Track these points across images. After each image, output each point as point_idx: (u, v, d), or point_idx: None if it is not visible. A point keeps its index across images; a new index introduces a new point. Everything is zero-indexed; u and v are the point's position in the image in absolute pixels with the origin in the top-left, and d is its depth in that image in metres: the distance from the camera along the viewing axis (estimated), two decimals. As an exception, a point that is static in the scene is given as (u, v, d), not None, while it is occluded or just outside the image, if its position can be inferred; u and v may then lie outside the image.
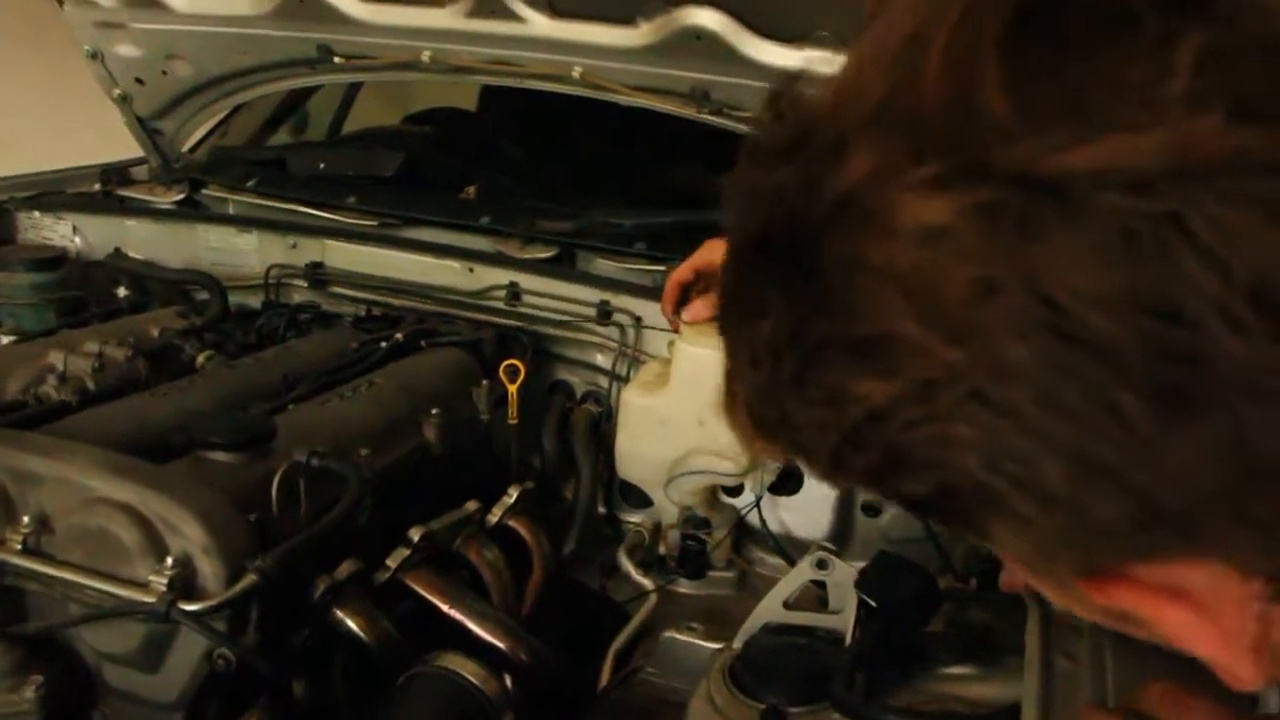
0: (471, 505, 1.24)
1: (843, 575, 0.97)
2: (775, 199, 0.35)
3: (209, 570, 0.85)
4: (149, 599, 0.82)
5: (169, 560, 0.84)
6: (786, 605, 1.01)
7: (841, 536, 1.45)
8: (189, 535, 0.85)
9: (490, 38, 1.60)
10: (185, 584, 0.84)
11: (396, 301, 1.56)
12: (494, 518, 1.26)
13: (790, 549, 1.43)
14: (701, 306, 1.26)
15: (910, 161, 0.31)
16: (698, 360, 1.27)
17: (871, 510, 1.43)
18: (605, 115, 2.15)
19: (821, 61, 1.26)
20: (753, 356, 0.38)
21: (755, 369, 0.38)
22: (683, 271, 1.27)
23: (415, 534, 1.11)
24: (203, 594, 0.85)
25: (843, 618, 0.98)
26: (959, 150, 0.31)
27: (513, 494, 1.29)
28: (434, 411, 1.27)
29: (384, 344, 1.41)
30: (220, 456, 0.97)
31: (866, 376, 0.33)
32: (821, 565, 0.98)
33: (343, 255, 1.63)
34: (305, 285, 1.63)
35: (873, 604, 0.91)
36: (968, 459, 0.32)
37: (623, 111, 1.63)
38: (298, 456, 1.00)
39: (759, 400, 0.39)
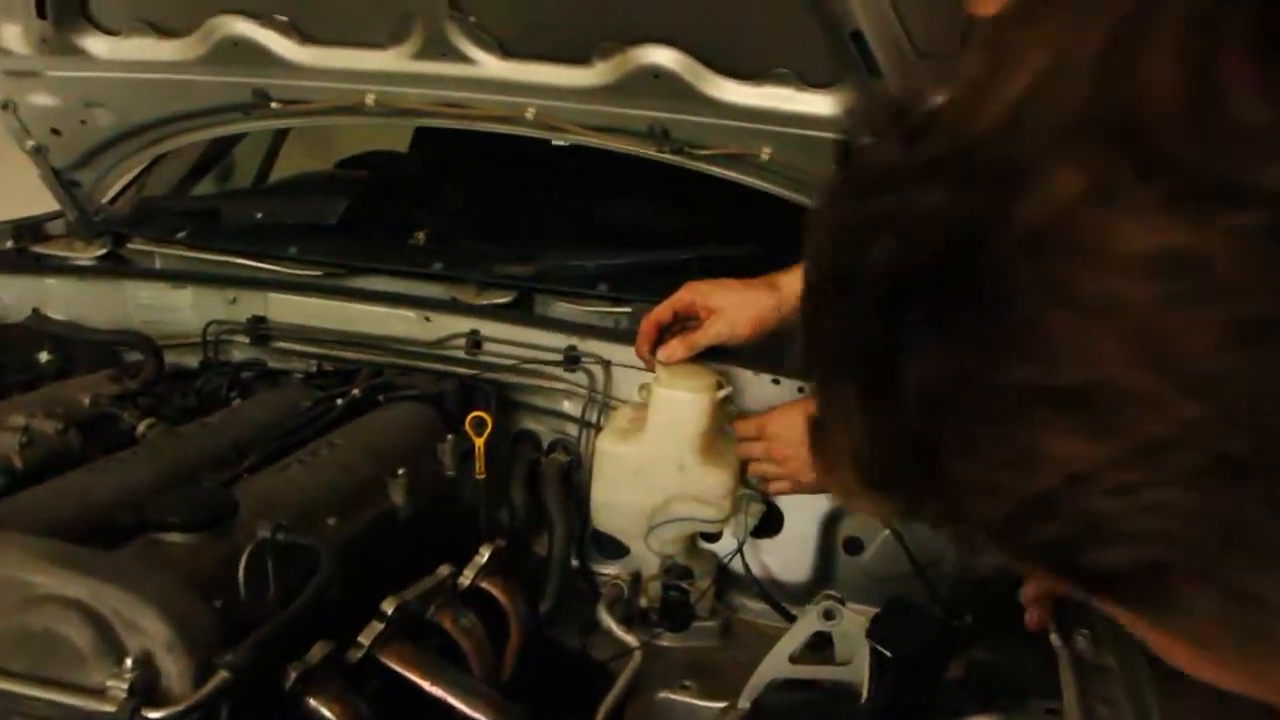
0: (444, 570, 1.17)
1: (851, 625, 0.94)
2: (923, 227, 0.30)
3: (174, 669, 0.76)
4: (108, 708, 0.73)
5: (128, 661, 0.75)
6: (792, 659, 0.97)
7: (824, 576, 1.42)
8: (149, 631, 0.77)
9: (438, 79, 1.55)
10: (148, 687, 0.75)
11: (349, 355, 1.48)
12: (466, 580, 1.19)
13: (774, 593, 1.39)
14: (678, 347, 1.23)
15: (1134, 179, 0.26)
16: (675, 404, 1.24)
17: (855, 547, 1.40)
18: (553, 155, 2.13)
19: (783, 98, 1.24)
20: (877, 404, 0.33)
21: (880, 417, 0.33)
22: (661, 312, 1.24)
23: (388, 606, 1.04)
24: (168, 697, 0.76)
25: (853, 669, 0.94)
26: (1202, 166, 0.26)
27: (484, 554, 1.22)
28: (400, 472, 1.20)
29: (340, 401, 1.33)
30: (177, 538, 0.88)
31: (1069, 433, 0.28)
32: (829, 616, 0.95)
33: (287, 308, 1.54)
34: (247, 342, 1.54)
35: (887, 654, 0.88)
36: (1197, 531, 0.28)
37: (570, 151, 1.61)
38: (262, 532, 0.92)
39: (882, 453, 0.34)
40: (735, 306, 1.21)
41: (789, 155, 1.46)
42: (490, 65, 1.51)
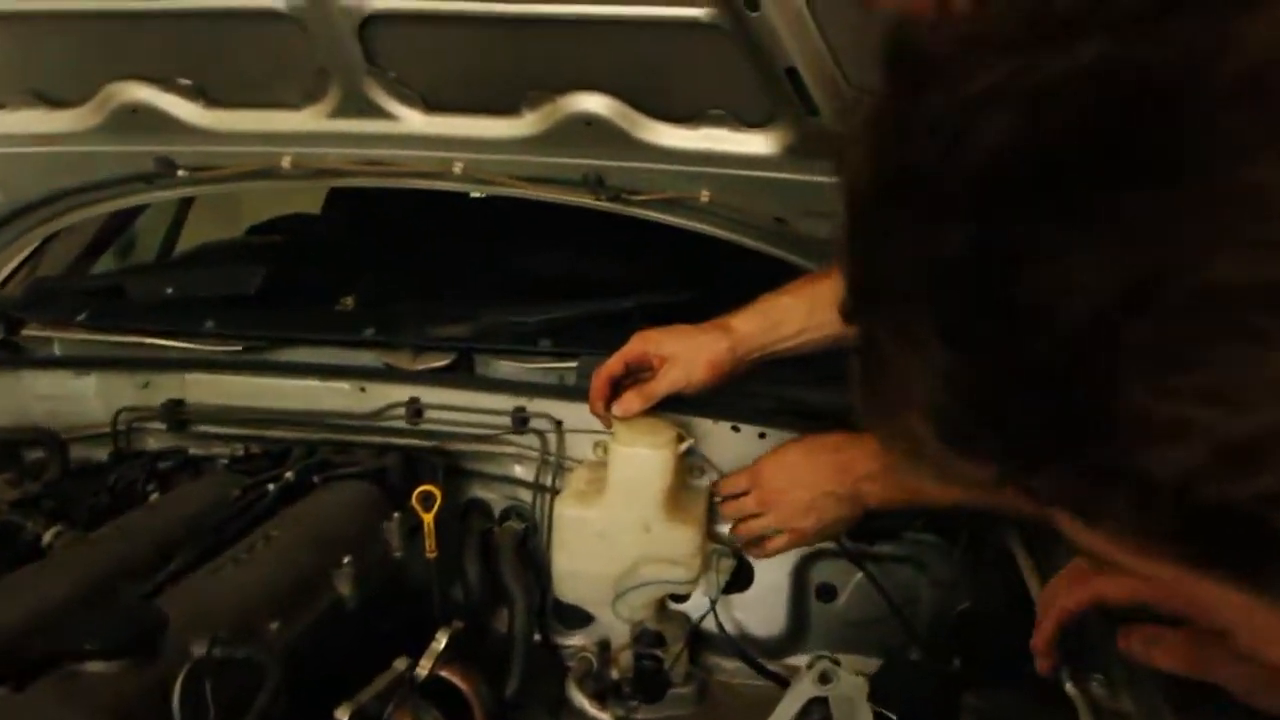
0: (399, 664, 1.08)
1: (850, 688, 0.88)
2: (1070, 87, 0.23)
3: (102, 827, 0.66)
4: None
5: (46, 824, 0.64)
6: (789, 729, 0.91)
7: (799, 627, 1.37)
8: (71, 785, 0.66)
9: (359, 137, 1.47)
10: None
11: (279, 435, 1.37)
12: (424, 671, 1.10)
13: (749, 649, 1.33)
14: (635, 400, 1.17)
15: None
16: (636, 461, 1.18)
17: (828, 594, 1.35)
18: (479, 206, 2.07)
19: (719, 140, 1.19)
20: (974, 330, 0.26)
21: (977, 348, 0.27)
22: (613, 365, 1.18)
23: (343, 715, 0.94)
24: None
25: (853, 734, 0.89)
26: None
27: (441, 640, 1.13)
28: (345, 560, 1.10)
29: (272, 486, 1.23)
30: (98, 667, 0.77)
31: None
32: (824, 679, 0.89)
33: (207, 389, 1.43)
34: (164, 429, 1.42)
35: (892, 717, 0.83)
36: None
37: (496, 200, 1.55)
38: (197, 650, 0.82)
39: (980, 394, 0.27)
40: (689, 352, 1.17)
41: (728, 196, 1.44)
42: (413, 120, 1.45)
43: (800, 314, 1.17)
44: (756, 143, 1.37)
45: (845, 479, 1.07)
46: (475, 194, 2.00)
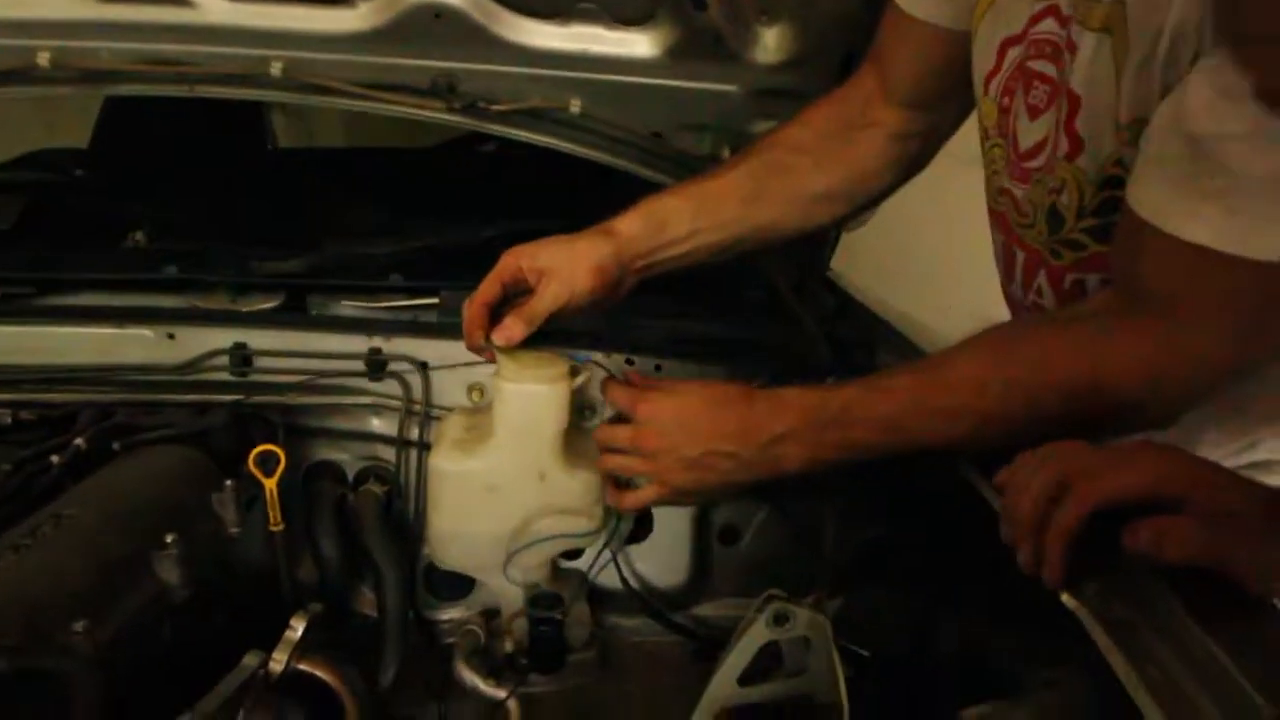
0: (250, 660, 0.87)
1: (811, 627, 0.78)
2: None
3: None
4: None
5: None
6: (742, 682, 0.79)
7: (702, 574, 1.26)
8: None
9: (142, 28, 1.20)
10: None
11: (62, 398, 1.08)
12: (279, 665, 0.90)
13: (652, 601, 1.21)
14: (517, 325, 0.99)
15: None
16: (527, 400, 1.02)
17: (731, 536, 1.26)
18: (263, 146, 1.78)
19: (591, 39, 1.01)
20: None
21: None
22: (487, 289, 1.00)
23: (185, 729, 0.74)
24: None
25: (810, 678, 0.79)
26: None
27: (297, 627, 0.93)
28: (168, 539, 0.87)
29: (56, 457, 0.96)
30: None
31: None
32: (780, 620, 0.78)
33: (-48, 345, 1.11)
34: (-105, 398, 1.09)
35: (864, 654, 0.73)
36: None
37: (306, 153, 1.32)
38: (-29, 667, 0.59)
39: None
40: (568, 261, 1.00)
41: (600, 107, 1.29)
42: (215, 7, 1.19)
43: (687, 214, 1.04)
44: (635, 42, 1.24)
45: (752, 440, 0.89)
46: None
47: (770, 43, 1.21)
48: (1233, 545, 0.62)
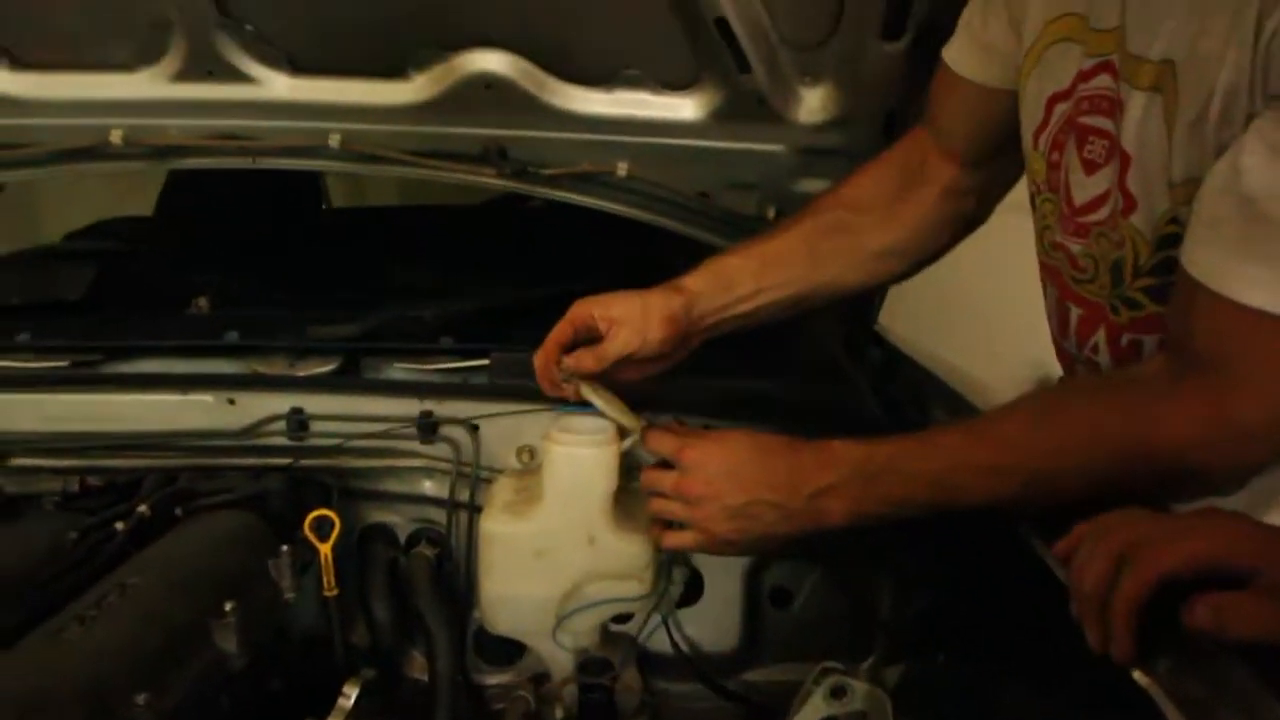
0: (303, 727, 0.88)
1: (869, 701, 0.75)
2: None
3: None
4: None
5: None
6: (800, 757, 0.78)
7: (753, 638, 1.24)
8: None
9: (209, 106, 1.25)
10: None
11: (125, 463, 1.11)
12: (332, 734, 0.90)
13: (701, 667, 1.19)
14: (588, 358, 0.99)
15: None
16: (576, 463, 1.02)
17: (782, 599, 1.23)
18: (343, 220, 1.83)
19: (637, 104, 1.02)
20: None
21: None
22: (561, 331, 1.01)
23: (242, 803, 0.74)
24: None
25: (871, 752, 0.76)
26: None
27: (350, 694, 0.94)
28: (226, 607, 0.88)
29: (120, 524, 0.99)
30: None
31: None
32: (838, 693, 0.76)
33: (24, 413, 1.15)
34: (-30, 465, 1.13)
35: (922, 729, 0.71)
36: None
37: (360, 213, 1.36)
38: (36, 743, 0.60)
39: None
40: (641, 312, 1.01)
41: (647, 169, 1.30)
42: (277, 84, 1.24)
43: (751, 274, 1.05)
44: (679, 106, 1.26)
45: (797, 491, 0.88)
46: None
47: (814, 103, 1.22)
48: None
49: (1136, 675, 0.65)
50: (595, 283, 1.12)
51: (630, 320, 0.99)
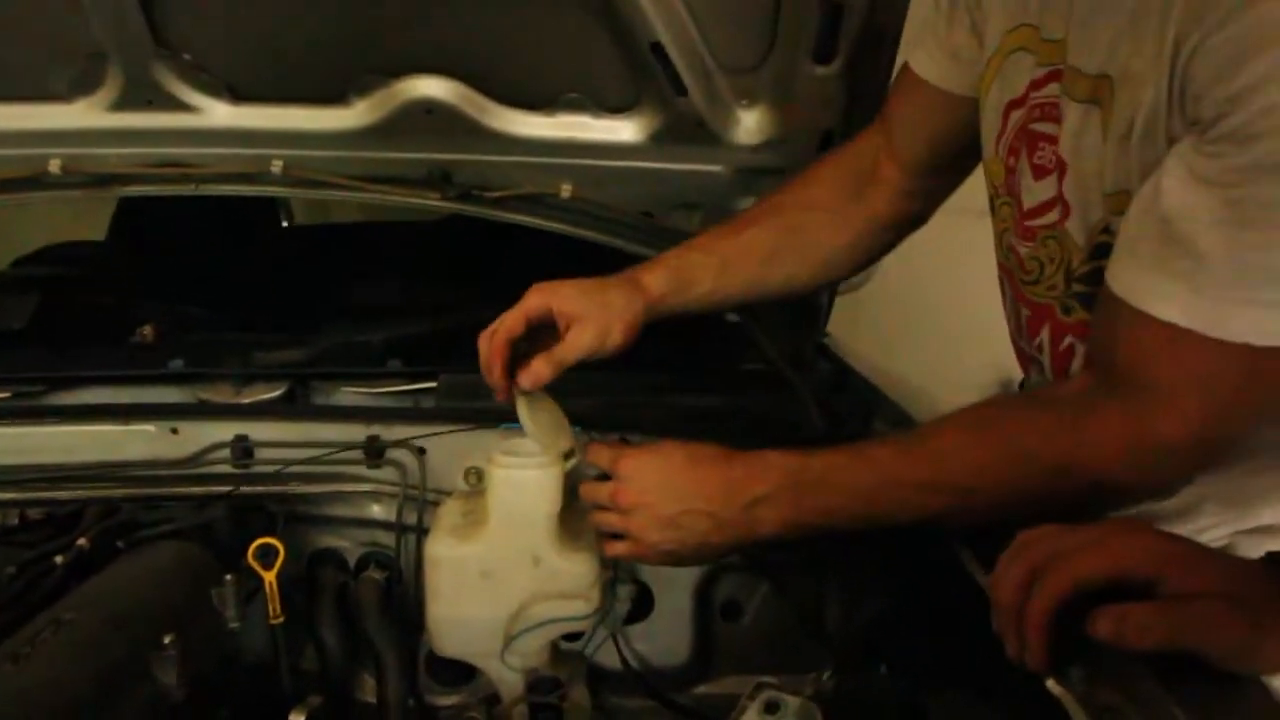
0: (248, 758, 0.88)
1: (802, 715, 0.77)
2: None
3: None
4: None
5: None
6: (735, 772, 0.79)
7: (705, 652, 1.26)
8: None
9: (149, 134, 1.25)
10: None
11: (66, 495, 1.11)
12: (280, 762, 0.90)
13: (652, 681, 1.20)
14: (543, 368, 0.98)
15: None
16: (518, 484, 1.03)
17: (733, 612, 1.25)
18: (293, 235, 1.83)
19: (578, 127, 1.04)
20: None
21: None
22: (513, 323, 0.98)
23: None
24: None
25: (806, 765, 0.78)
26: None
27: (298, 720, 0.94)
28: (166, 641, 0.88)
29: (60, 559, 0.98)
30: None
31: None
32: (771, 708, 0.78)
33: (-36, 447, 1.14)
34: (-95, 499, 1.12)
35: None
36: None
37: (312, 230, 1.37)
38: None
39: None
40: (602, 312, 0.99)
41: (591, 190, 1.32)
42: (218, 112, 1.25)
43: (711, 273, 1.07)
44: (620, 129, 1.28)
45: (731, 500, 0.88)
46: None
47: (751, 125, 1.25)
48: (1200, 628, 0.61)
49: (1050, 684, 0.67)
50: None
51: (591, 320, 0.98)
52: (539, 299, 0.99)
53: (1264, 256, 0.65)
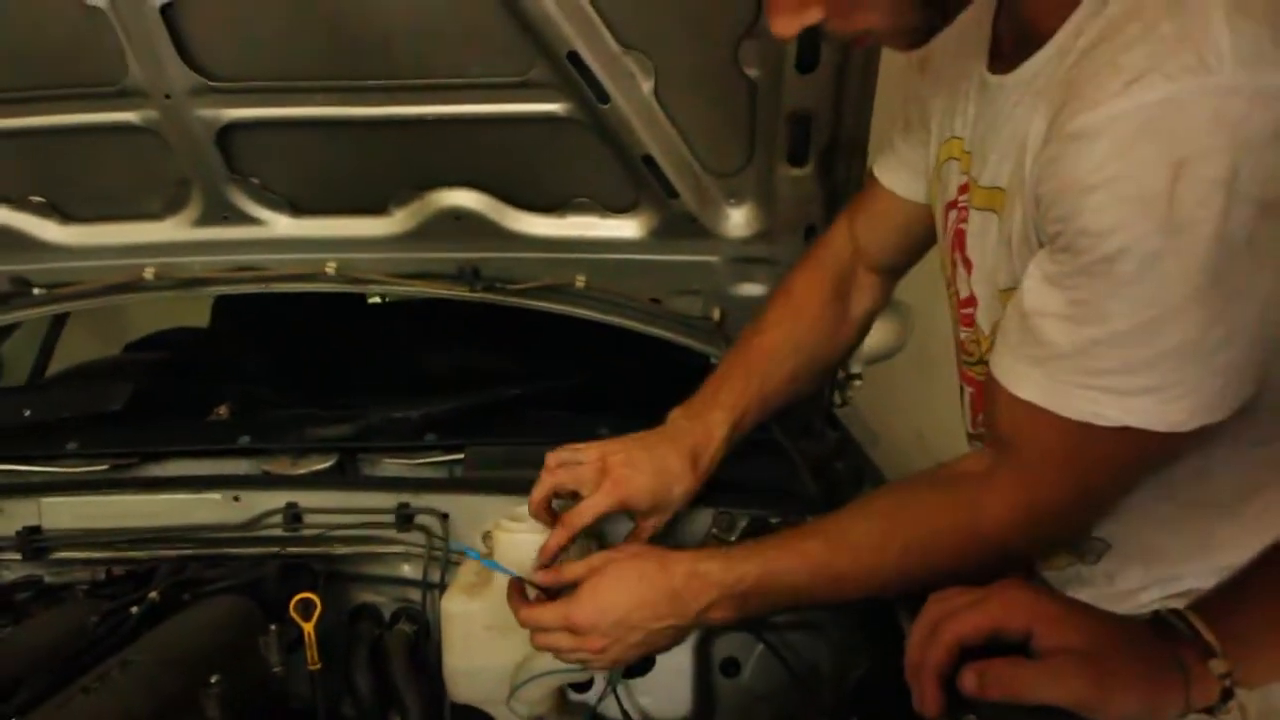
0: (280, 789, 1.02)
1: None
2: None
3: None
4: None
5: None
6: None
7: (704, 707, 1.34)
8: None
9: (226, 244, 1.47)
10: None
11: (144, 555, 1.29)
12: (309, 795, 1.03)
13: (655, 735, 1.30)
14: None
15: None
16: (522, 547, 1.16)
17: (731, 668, 1.34)
18: (366, 310, 2.05)
19: (587, 226, 1.24)
20: None
21: None
22: (590, 516, 1.10)
23: None
24: None
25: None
26: None
27: (328, 757, 1.07)
28: (213, 680, 1.04)
29: (134, 609, 1.16)
30: (-86, 821, 0.70)
31: None
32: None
33: (66, 513, 1.34)
34: (18, 558, 1.32)
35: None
36: None
37: (382, 304, 1.55)
38: (35, 789, 0.75)
39: None
40: (667, 497, 1.14)
41: (603, 280, 1.47)
42: (280, 224, 1.45)
43: (754, 414, 1.20)
44: (623, 227, 1.43)
45: (683, 612, 0.97)
46: (373, 299, 1.96)
47: (739, 220, 1.38)
48: (1049, 682, 0.69)
49: (945, 730, 0.76)
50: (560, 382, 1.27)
51: (657, 513, 1.14)
52: (613, 501, 1.10)
53: (1102, 349, 0.74)
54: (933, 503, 0.90)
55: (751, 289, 1.44)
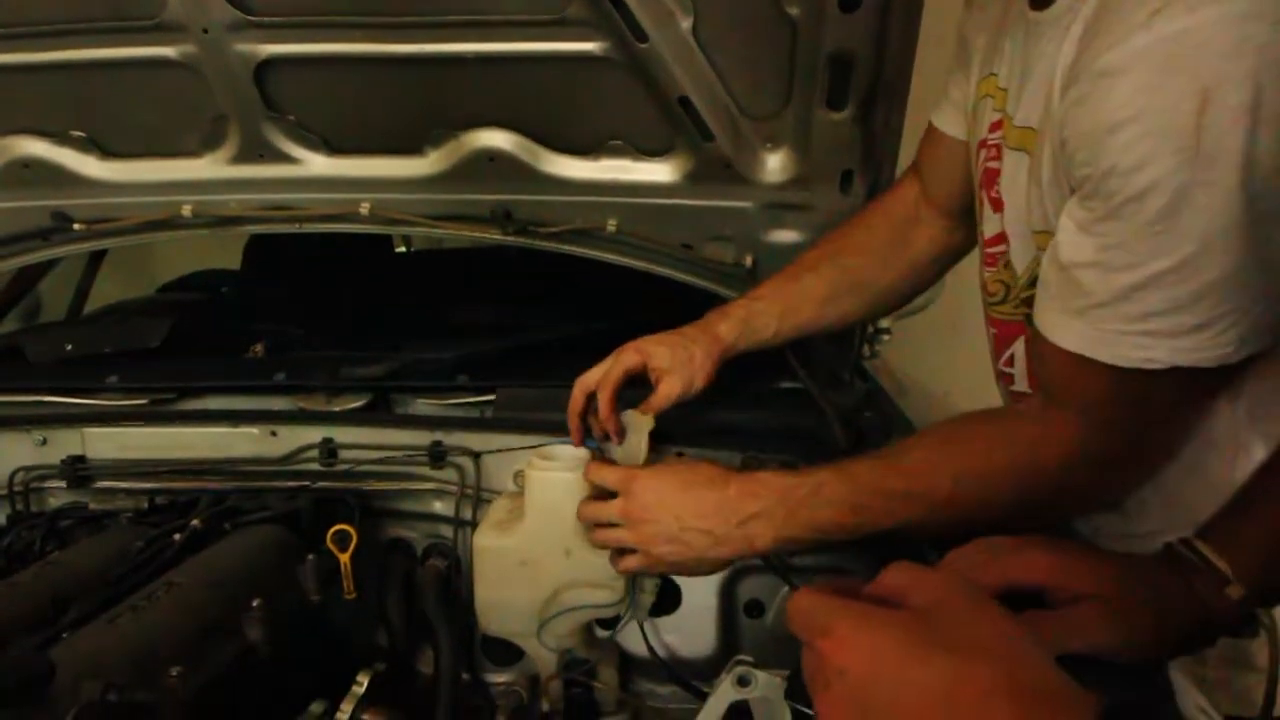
0: (316, 708, 1.05)
1: (769, 688, 0.88)
2: None
3: None
4: None
5: None
6: (713, 736, 0.91)
7: (729, 645, 1.37)
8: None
9: (261, 182, 1.47)
10: None
11: (186, 486, 1.33)
12: (345, 716, 1.07)
13: (680, 671, 1.32)
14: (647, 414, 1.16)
15: None
16: (552, 485, 1.18)
17: (756, 610, 1.36)
18: (397, 259, 2.07)
19: (621, 170, 1.23)
20: None
21: None
22: (616, 375, 1.15)
23: (256, 760, 0.91)
24: None
25: (774, 734, 0.89)
26: None
27: (362, 682, 1.11)
28: (254, 604, 1.07)
29: (177, 536, 1.19)
30: (-21, 719, 0.74)
31: None
32: (743, 682, 0.89)
33: (109, 443, 1.38)
34: (64, 486, 1.36)
35: (809, 712, 0.83)
36: None
37: (416, 254, 1.56)
38: (88, 694, 0.78)
39: None
40: (687, 364, 1.17)
41: (634, 224, 1.47)
42: (316, 163, 1.46)
43: (775, 318, 1.22)
44: (657, 171, 1.42)
45: (726, 519, 0.98)
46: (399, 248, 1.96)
47: (775, 165, 1.37)
48: (1075, 631, 0.70)
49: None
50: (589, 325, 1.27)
51: (678, 374, 1.16)
52: (636, 358, 1.15)
53: (1143, 293, 0.73)
54: (991, 435, 0.90)
55: (785, 235, 1.43)
